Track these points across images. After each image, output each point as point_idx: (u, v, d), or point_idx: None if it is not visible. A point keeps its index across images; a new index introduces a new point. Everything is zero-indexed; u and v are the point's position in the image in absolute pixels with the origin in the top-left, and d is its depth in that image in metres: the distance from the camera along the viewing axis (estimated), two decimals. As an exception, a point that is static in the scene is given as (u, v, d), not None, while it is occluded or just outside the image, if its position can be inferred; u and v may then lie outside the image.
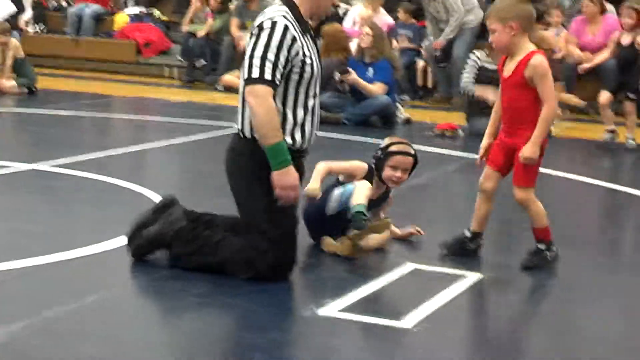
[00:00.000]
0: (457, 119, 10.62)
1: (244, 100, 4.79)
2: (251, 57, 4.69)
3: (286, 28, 4.69)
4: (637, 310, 4.91)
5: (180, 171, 8.29)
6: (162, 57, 15.23)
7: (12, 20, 14.39)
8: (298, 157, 4.89)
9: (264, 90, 4.64)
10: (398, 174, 5.46)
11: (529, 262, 5.29)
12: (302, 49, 4.75)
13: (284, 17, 4.73)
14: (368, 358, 4.13)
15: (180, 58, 14.67)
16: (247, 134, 4.84)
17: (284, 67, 4.70)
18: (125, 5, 16.02)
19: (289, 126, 4.81)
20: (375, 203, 5.53)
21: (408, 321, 4.35)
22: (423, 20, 13.38)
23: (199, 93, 13.24)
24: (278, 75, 4.67)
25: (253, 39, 4.72)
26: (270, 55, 4.64)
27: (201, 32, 14.05)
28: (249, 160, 4.85)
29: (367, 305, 4.60)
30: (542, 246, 5.30)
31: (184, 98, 12.68)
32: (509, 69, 5.25)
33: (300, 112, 4.84)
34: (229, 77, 13.21)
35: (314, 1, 4.90)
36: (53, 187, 7.08)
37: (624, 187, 7.83)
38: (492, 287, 5.04)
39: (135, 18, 15.24)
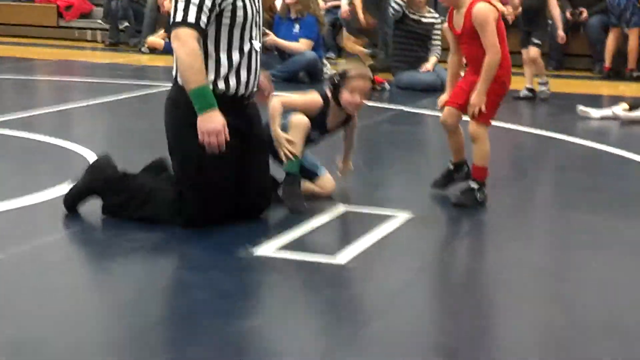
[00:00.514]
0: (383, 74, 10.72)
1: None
2: (177, 0, 4.68)
3: None
4: (555, 237, 5.09)
5: (106, 128, 8.24)
6: (84, 20, 15.06)
7: None
8: (237, 104, 4.85)
9: (187, 33, 4.61)
10: (357, 98, 5.32)
11: (459, 200, 5.40)
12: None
13: None
14: (304, 293, 4.20)
15: (102, 21, 14.53)
16: (180, 81, 4.81)
17: (210, 11, 4.65)
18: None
19: (223, 70, 4.78)
20: (337, 128, 5.56)
21: (342, 258, 4.43)
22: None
23: (123, 55, 13.16)
24: (203, 18, 4.63)
25: None
26: None
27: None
28: (182, 108, 4.79)
29: (301, 244, 4.66)
30: (474, 185, 5.41)
31: (108, 60, 12.60)
32: (458, 24, 5.34)
33: (235, 56, 4.79)
34: (153, 39, 13.14)
35: None
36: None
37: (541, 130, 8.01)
38: (420, 225, 5.10)
39: (56, -18, 15.05)
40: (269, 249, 4.53)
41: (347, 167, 5.70)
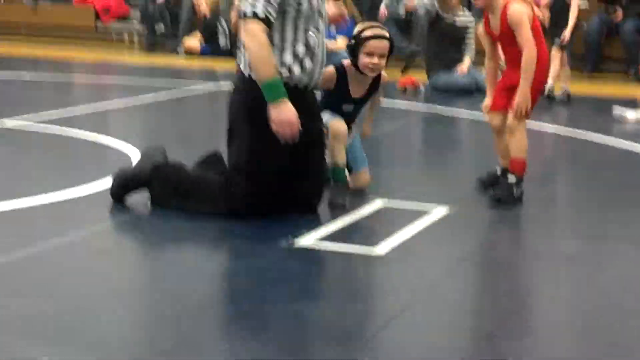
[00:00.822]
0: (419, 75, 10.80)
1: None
2: None
3: None
4: (590, 230, 5.11)
5: (145, 126, 8.39)
6: (122, 22, 15.25)
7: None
8: (300, 94, 4.88)
9: (256, 26, 4.69)
10: (375, 60, 5.24)
11: (497, 194, 5.48)
12: None
13: None
14: (345, 280, 4.28)
15: (138, 23, 14.71)
16: (245, 71, 4.88)
17: (278, 4, 4.73)
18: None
19: (288, 60, 4.83)
20: (367, 96, 5.52)
21: (381, 249, 4.51)
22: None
23: (160, 57, 13.30)
24: (271, 11, 4.71)
25: None
26: None
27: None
28: (244, 97, 4.89)
29: (341, 236, 4.74)
30: (512, 179, 5.47)
31: (145, 62, 12.76)
32: (495, 27, 5.43)
33: (300, 48, 4.85)
34: (191, 42, 13.29)
35: None
36: (30, 141, 7.20)
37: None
38: (458, 219, 5.19)
39: (94, -15, 15.23)
40: (310, 239, 4.63)
41: (366, 132, 5.73)
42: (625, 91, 10.86)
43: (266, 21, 4.71)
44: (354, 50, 5.26)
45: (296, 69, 4.85)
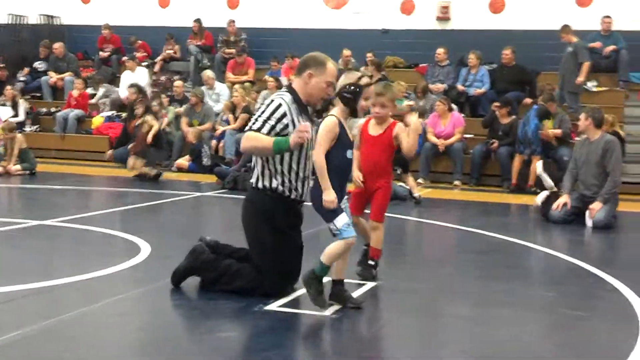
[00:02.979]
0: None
1: (260, 161, 4.91)
2: (253, 118, 4.94)
3: (279, 105, 4.85)
4: (482, 304, 5.36)
5: (149, 223, 8.48)
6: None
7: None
8: (295, 204, 4.93)
9: (252, 133, 4.82)
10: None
11: (361, 274, 5.53)
12: (292, 123, 4.83)
13: (282, 98, 4.89)
14: (296, 336, 4.45)
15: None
16: (258, 184, 4.94)
17: (271, 129, 4.80)
18: (100, 110, 16.16)
19: (283, 180, 4.90)
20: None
21: (327, 311, 4.70)
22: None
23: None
24: (264, 130, 4.79)
25: (260, 108, 4.92)
26: (262, 117, 4.83)
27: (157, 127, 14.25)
28: (258, 207, 4.93)
29: (296, 304, 4.89)
30: (372, 262, 5.55)
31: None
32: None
33: (292, 173, 4.91)
34: (181, 161, 13.49)
35: (305, 93, 4.95)
36: (59, 235, 7.27)
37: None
38: (383, 290, 5.40)
39: (108, 119, 15.36)
40: (274, 305, 4.80)
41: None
42: (501, 199, 11.17)
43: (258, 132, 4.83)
44: (353, 96, 4.88)
45: (288, 187, 4.93)
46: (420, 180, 12.19)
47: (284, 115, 4.85)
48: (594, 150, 8.81)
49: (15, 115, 15.39)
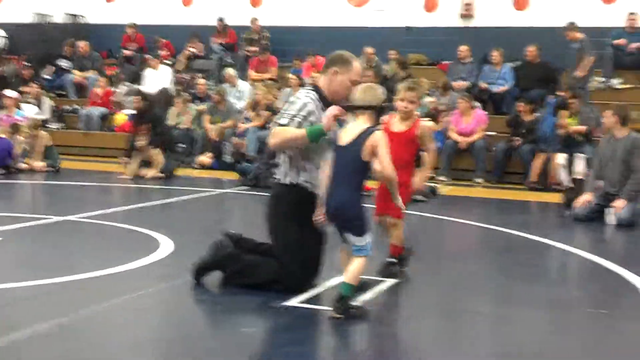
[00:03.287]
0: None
1: (286, 159, 4.96)
2: (278, 115, 4.99)
3: (306, 103, 4.91)
4: (503, 302, 5.35)
5: (169, 219, 8.52)
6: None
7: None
8: (313, 199, 4.84)
9: (279, 128, 4.86)
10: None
11: (383, 270, 5.49)
12: (318, 121, 4.84)
13: (308, 96, 4.94)
14: (316, 333, 4.47)
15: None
16: (284, 180, 4.97)
17: (298, 126, 4.83)
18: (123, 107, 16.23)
19: (305, 175, 4.95)
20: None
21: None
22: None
23: (181, 170, 13.44)
24: (292, 126, 4.82)
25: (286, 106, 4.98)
26: (290, 113, 4.87)
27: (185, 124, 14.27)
28: (283, 203, 4.97)
29: (316, 300, 4.90)
30: (392, 260, 5.51)
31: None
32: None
33: (311, 166, 4.94)
34: (203, 158, 13.54)
35: (330, 91, 4.99)
36: (83, 230, 7.32)
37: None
38: (403, 287, 5.40)
39: (131, 116, 15.43)
40: (294, 301, 4.81)
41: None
42: (521, 196, 11.10)
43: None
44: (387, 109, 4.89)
45: (310, 181, 4.96)
46: (442, 178, 12.16)
47: (311, 112, 4.90)
48: (620, 148, 8.73)
49: (40, 113, 15.53)
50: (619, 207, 8.50)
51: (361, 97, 4.65)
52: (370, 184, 5.31)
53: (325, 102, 4.97)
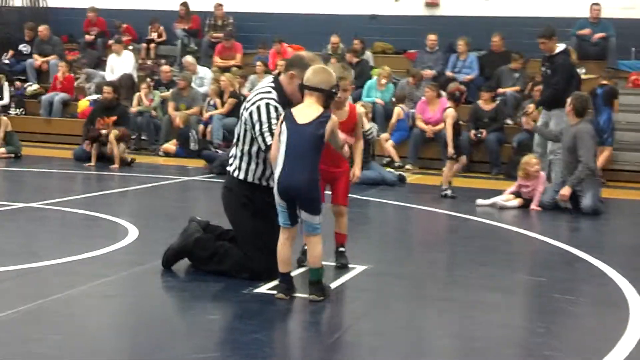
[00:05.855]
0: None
1: (239, 153, 4.97)
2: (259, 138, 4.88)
3: (274, 108, 4.86)
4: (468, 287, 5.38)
5: (134, 206, 8.46)
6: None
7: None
8: (266, 190, 4.91)
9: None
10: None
11: (340, 260, 5.43)
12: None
13: (270, 99, 4.88)
14: (285, 319, 4.46)
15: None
16: (235, 174, 4.99)
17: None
18: (86, 93, 16.00)
19: (266, 174, 4.96)
20: None
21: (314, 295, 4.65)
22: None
23: (145, 157, 13.32)
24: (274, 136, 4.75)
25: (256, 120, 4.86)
26: (266, 128, 4.82)
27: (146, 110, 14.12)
28: (238, 194, 5.00)
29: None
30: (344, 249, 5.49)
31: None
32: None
33: (268, 169, 4.96)
34: (168, 145, 13.41)
35: (288, 92, 4.97)
36: (46, 217, 7.21)
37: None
38: (373, 274, 5.40)
39: (94, 102, 15.22)
40: (264, 288, 4.79)
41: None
42: (489, 185, 11.16)
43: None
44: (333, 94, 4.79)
45: (265, 176, 4.99)
46: (408, 167, 12.18)
47: (279, 114, 4.83)
48: (569, 136, 8.84)
49: (0, 99, 15.26)
50: (563, 195, 8.60)
51: (311, 78, 4.65)
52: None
53: (284, 99, 4.94)
